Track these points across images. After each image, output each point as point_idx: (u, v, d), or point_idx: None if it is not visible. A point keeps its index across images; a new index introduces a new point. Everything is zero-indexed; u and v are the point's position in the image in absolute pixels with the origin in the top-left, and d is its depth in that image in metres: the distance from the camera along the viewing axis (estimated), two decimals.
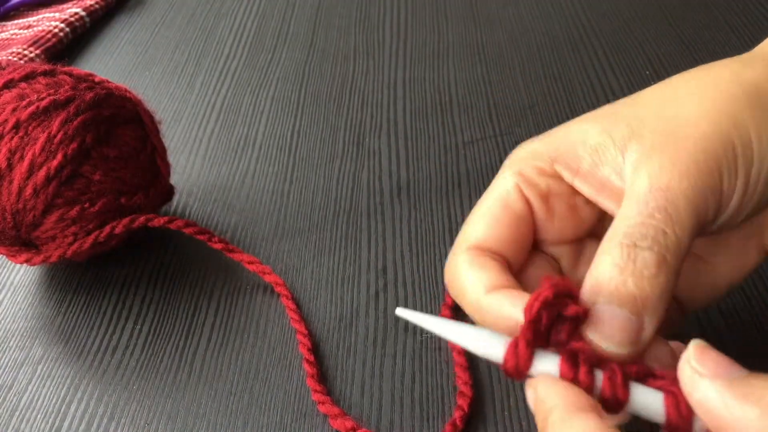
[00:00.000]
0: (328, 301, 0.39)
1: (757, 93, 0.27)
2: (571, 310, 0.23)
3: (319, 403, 0.33)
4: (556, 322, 0.23)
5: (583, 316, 0.23)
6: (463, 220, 0.43)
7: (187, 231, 0.40)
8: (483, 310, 0.26)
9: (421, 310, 0.38)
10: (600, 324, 0.23)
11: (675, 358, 0.24)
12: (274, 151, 0.50)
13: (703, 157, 0.26)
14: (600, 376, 0.23)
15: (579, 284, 0.25)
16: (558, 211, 0.29)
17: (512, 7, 0.67)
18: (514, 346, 0.23)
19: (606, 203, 0.28)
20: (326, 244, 0.42)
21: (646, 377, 0.23)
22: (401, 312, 0.25)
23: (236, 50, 0.63)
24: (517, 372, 0.23)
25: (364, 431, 0.32)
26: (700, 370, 0.22)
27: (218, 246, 0.40)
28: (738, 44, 0.58)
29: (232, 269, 0.41)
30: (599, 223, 0.30)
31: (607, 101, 0.52)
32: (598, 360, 0.23)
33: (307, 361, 0.35)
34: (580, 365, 0.23)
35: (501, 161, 0.48)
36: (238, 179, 0.48)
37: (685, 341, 0.23)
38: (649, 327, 0.24)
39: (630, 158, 0.27)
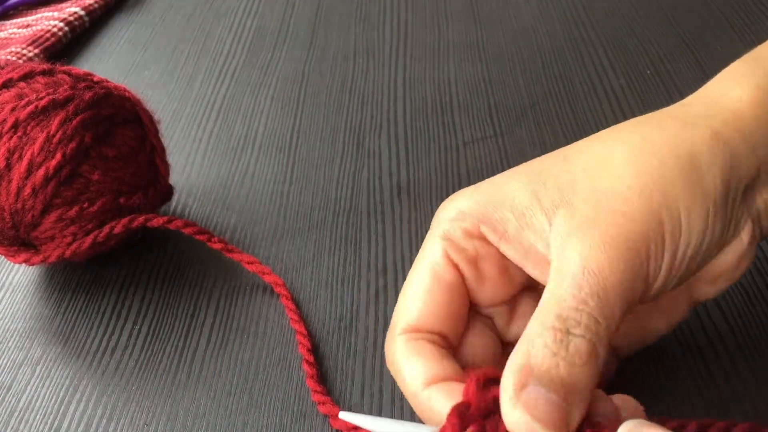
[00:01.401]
0: (328, 301, 0.39)
1: (690, 164, 0.27)
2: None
3: (320, 403, 0.33)
4: (494, 411, 0.23)
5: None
6: None
7: (187, 231, 0.40)
8: (421, 404, 0.27)
9: None
10: (528, 405, 0.23)
11: (618, 414, 0.24)
12: (274, 151, 0.50)
13: (634, 237, 0.26)
14: None
15: (513, 342, 0.25)
16: (489, 274, 0.29)
17: (512, 7, 0.67)
18: None
19: (531, 269, 0.28)
20: (326, 244, 0.42)
21: None
22: (344, 416, 0.27)
23: (236, 50, 0.63)
24: None
25: (366, 431, 0.32)
26: None
27: (218, 246, 0.40)
28: (739, 44, 0.57)
29: (232, 269, 0.41)
30: (531, 279, 0.29)
31: (608, 101, 0.52)
32: None
33: (307, 361, 0.35)
34: None
35: (501, 161, 0.48)
36: (238, 179, 0.48)
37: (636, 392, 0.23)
38: (577, 413, 0.23)
39: (558, 228, 0.26)
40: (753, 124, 0.28)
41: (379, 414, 0.33)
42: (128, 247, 0.43)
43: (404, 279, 0.40)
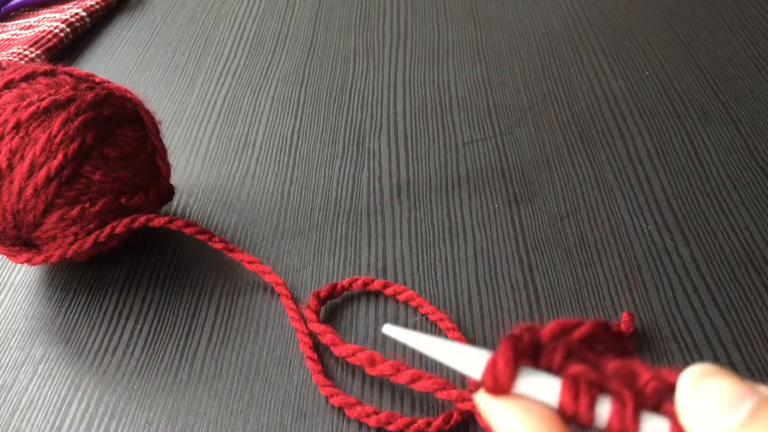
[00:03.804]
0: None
1: None
2: (578, 332, 0.21)
3: (331, 396, 0.33)
4: (543, 348, 0.21)
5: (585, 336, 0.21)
6: (463, 221, 0.44)
7: (188, 231, 0.40)
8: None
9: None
10: None
11: None
12: (274, 152, 0.51)
13: None
14: (606, 407, 0.20)
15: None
16: None
17: (512, 8, 0.67)
18: (493, 364, 0.21)
19: None
20: (326, 244, 0.43)
21: (661, 402, 0.20)
22: (388, 329, 0.24)
23: (236, 51, 0.64)
24: (498, 392, 0.21)
25: (387, 413, 0.32)
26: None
27: (219, 246, 0.40)
28: (737, 44, 0.58)
29: (233, 269, 0.41)
30: None
31: (607, 102, 0.53)
32: (601, 385, 0.20)
33: (310, 359, 0.35)
34: (581, 394, 0.20)
35: (501, 161, 0.48)
36: (238, 179, 0.48)
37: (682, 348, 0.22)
38: None
39: None
40: None
41: (380, 407, 0.33)
42: (129, 247, 0.43)
43: (404, 279, 0.40)
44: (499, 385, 0.21)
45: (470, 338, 0.36)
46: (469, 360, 0.22)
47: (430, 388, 0.32)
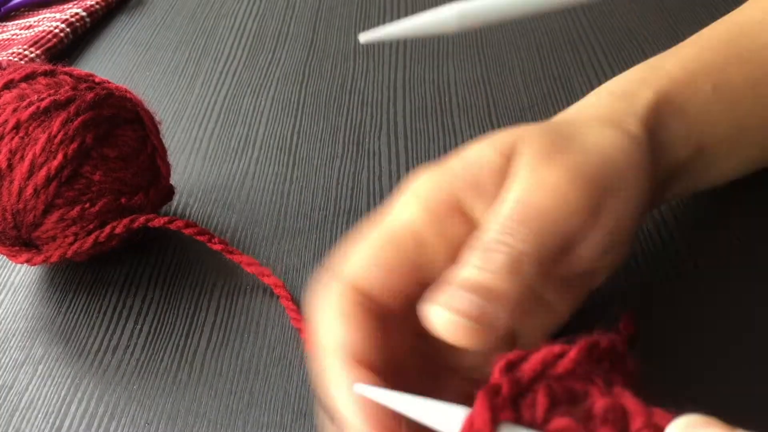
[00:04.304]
0: None
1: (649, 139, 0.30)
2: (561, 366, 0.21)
3: None
4: (524, 394, 0.21)
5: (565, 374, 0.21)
6: None
7: (187, 232, 0.40)
8: (321, 366, 0.26)
9: None
10: (452, 305, 0.25)
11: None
12: (274, 152, 0.51)
13: (583, 175, 0.27)
14: None
15: None
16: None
17: None
18: (469, 424, 0.20)
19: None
20: (326, 244, 0.42)
21: None
22: (360, 388, 0.24)
23: (236, 51, 0.64)
24: None
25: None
26: None
27: (218, 247, 0.40)
28: None
29: (233, 269, 0.41)
30: None
31: None
32: None
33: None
34: None
35: None
36: (238, 179, 0.48)
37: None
38: (499, 317, 0.25)
39: (514, 164, 0.28)
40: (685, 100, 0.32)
41: None
42: (129, 247, 0.43)
43: None
44: None
45: None
46: (445, 419, 0.21)
47: None
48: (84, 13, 0.68)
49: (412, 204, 0.29)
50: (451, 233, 0.28)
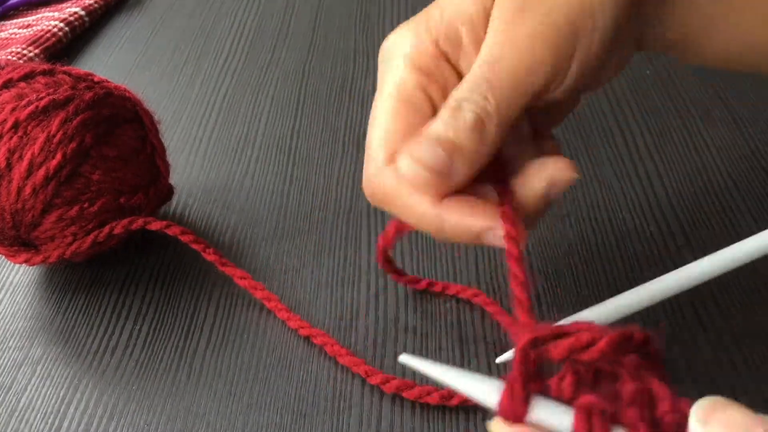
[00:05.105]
0: (328, 301, 0.39)
1: None
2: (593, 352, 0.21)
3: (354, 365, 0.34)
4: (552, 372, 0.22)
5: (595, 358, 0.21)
6: None
7: (183, 239, 0.40)
8: (432, 223, 0.28)
9: (421, 310, 0.38)
10: (415, 156, 0.27)
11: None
12: (274, 151, 0.50)
13: (547, 32, 0.28)
14: None
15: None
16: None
17: None
18: (509, 390, 0.21)
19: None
20: (326, 244, 0.42)
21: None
22: (405, 359, 0.26)
23: (236, 50, 0.63)
24: (513, 418, 0.21)
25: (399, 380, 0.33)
26: None
27: (212, 258, 0.39)
28: None
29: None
30: None
31: (607, 100, 0.52)
32: (615, 416, 0.20)
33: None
34: (594, 428, 0.20)
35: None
36: (238, 179, 0.48)
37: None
38: (461, 169, 0.27)
39: (492, 17, 0.29)
40: None
41: (379, 411, 0.33)
42: (129, 247, 0.43)
43: None
44: (513, 415, 0.21)
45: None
46: (482, 390, 0.22)
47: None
48: (83, 12, 0.68)
49: (401, 66, 0.30)
50: (443, 81, 0.30)
